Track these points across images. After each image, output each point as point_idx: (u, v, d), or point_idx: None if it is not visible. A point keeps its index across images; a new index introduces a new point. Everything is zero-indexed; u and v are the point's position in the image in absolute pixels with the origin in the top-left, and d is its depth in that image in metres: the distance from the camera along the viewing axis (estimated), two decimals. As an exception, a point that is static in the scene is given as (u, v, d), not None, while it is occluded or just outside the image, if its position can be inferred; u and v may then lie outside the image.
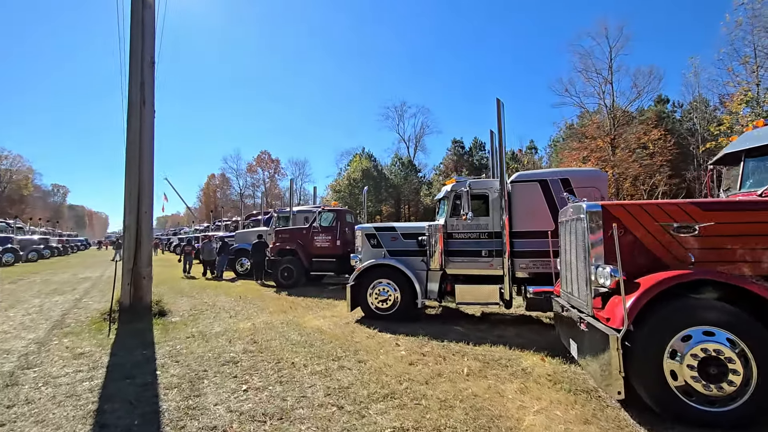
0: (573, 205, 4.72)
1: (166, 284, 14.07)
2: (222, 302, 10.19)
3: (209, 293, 11.85)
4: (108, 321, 7.46)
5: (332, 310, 9.23)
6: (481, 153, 49.24)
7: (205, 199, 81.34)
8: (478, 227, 7.79)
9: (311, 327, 7.36)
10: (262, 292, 12.05)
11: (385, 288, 7.93)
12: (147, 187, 8.53)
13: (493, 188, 7.78)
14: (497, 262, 7.58)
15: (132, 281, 8.18)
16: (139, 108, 8.48)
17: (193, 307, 9.38)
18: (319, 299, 10.57)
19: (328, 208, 13.42)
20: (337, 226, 12.94)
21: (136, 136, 8.44)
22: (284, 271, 12.88)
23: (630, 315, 3.41)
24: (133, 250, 8.26)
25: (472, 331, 7.16)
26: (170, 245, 40.82)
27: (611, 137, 30.13)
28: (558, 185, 7.28)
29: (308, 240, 13.00)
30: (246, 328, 7.25)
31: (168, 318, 8.13)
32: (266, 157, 75.03)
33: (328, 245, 12.86)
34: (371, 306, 7.98)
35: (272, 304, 9.85)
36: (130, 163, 8.43)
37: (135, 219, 8.32)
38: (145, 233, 8.46)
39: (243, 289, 12.72)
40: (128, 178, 8.43)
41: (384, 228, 8.63)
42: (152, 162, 8.73)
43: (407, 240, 8.30)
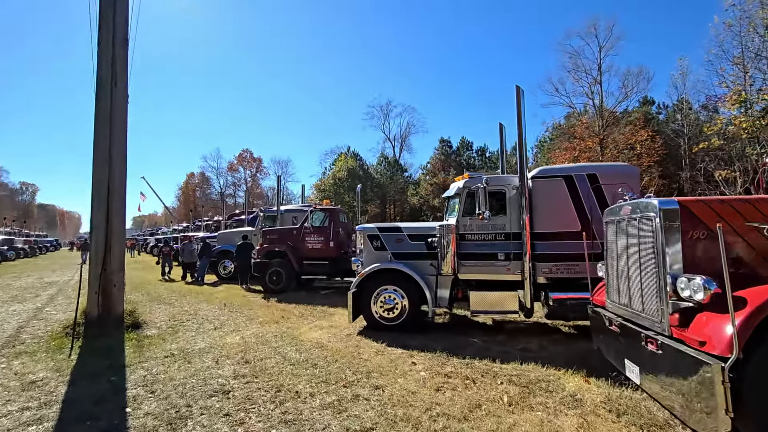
0: (634, 202, 4.01)
1: (142, 289, 12.88)
2: (205, 311, 9.18)
3: (190, 300, 10.78)
4: (71, 337, 6.41)
5: (329, 319, 8.35)
6: (468, 153, 48.93)
7: (184, 199, 78.89)
8: (494, 228, 7.05)
9: (309, 341, 6.48)
10: (248, 298, 11.05)
11: (391, 295, 7.11)
12: (118, 180, 7.47)
13: (511, 185, 7.06)
14: (515, 266, 6.87)
15: (100, 289, 7.12)
16: (109, 88, 7.41)
17: (172, 317, 8.34)
18: (312, 306, 9.67)
19: (320, 206, 12.51)
20: (330, 226, 12.05)
21: (105, 122, 7.38)
22: (273, 274, 11.90)
23: (741, 339, 2.69)
24: (101, 253, 7.20)
25: (491, 343, 6.42)
26: (147, 246, 38.95)
27: (600, 137, 30.10)
28: (584, 181, 6.61)
29: (299, 241, 12.06)
30: (234, 343, 6.31)
31: (143, 331, 7.10)
32: (248, 155, 73.21)
33: (321, 246, 11.95)
34: (375, 315, 7.15)
35: (262, 313, 8.90)
36: (98, 152, 7.36)
37: (104, 217, 7.25)
38: (116, 234, 7.40)
39: (227, 295, 11.68)
40: (96, 169, 7.36)
41: (388, 228, 7.82)
42: (125, 151, 7.67)
43: (414, 242, 7.50)
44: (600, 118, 30.28)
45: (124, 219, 7.68)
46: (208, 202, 72.63)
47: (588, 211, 6.52)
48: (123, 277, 7.54)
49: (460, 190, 7.32)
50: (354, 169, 54.02)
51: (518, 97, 6.79)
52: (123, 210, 7.58)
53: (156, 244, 35.41)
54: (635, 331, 3.79)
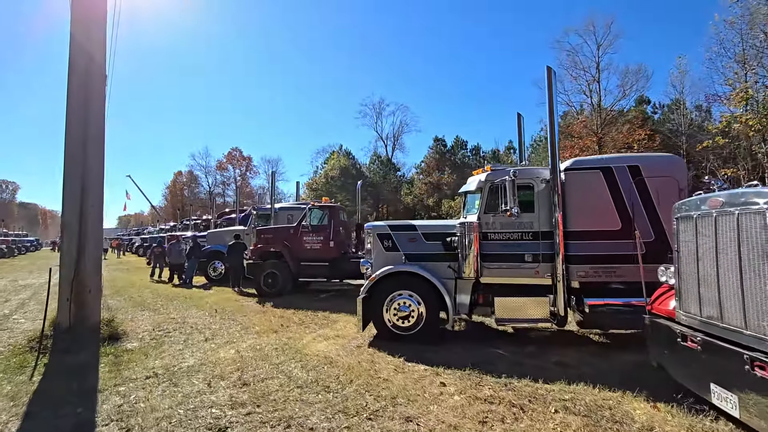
0: (728, 192, 3.30)
1: (125, 293, 11.89)
2: (193, 318, 8.28)
3: (177, 305, 9.86)
4: (36, 352, 5.50)
5: (333, 327, 7.54)
6: (463, 152, 48.37)
7: (172, 198, 77.11)
8: (521, 226, 6.32)
9: (316, 354, 5.66)
10: (241, 303, 10.17)
11: (406, 302, 6.33)
12: (95, 173, 6.56)
13: (539, 178, 6.34)
14: (545, 269, 6.15)
15: (72, 295, 6.20)
16: (84, 67, 6.50)
17: (156, 326, 7.44)
18: (313, 312, 8.83)
19: (318, 204, 11.65)
20: (329, 225, 11.21)
21: (79, 105, 6.47)
22: (268, 277, 11.02)
23: None
24: (74, 255, 6.28)
25: (521, 355, 5.69)
26: (133, 246, 37.55)
27: (599, 136, 29.75)
28: (625, 174, 5.91)
29: (296, 241, 11.19)
30: (229, 358, 5.46)
31: (122, 344, 6.20)
32: (237, 154, 71.84)
33: (320, 247, 11.10)
34: (388, 324, 6.36)
35: (257, 320, 8.04)
36: (70, 141, 6.44)
37: (77, 215, 6.34)
38: (92, 233, 6.49)
39: (218, 299, 10.77)
40: (69, 160, 6.44)
41: (401, 227, 7.04)
42: (102, 140, 6.76)
43: (430, 241, 6.74)
44: (598, 117, 29.92)
45: (100, 216, 6.76)
46: (196, 201, 71.08)
47: (629, 207, 5.82)
48: (100, 281, 6.63)
49: (482, 184, 6.57)
50: (347, 167, 53.17)
51: (549, 78, 6.09)
52: (99, 206, 6.67)
53: (141, 244, 34.11)
54: (731, 351, 3.08)
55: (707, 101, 26.66)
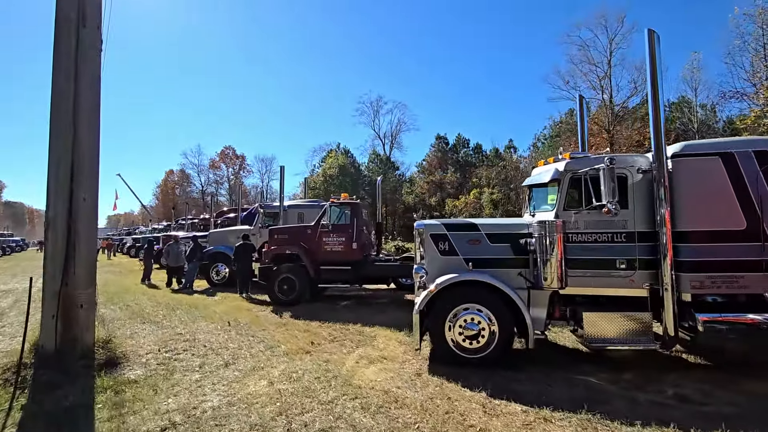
0: None
1: (120, 300, 10.56)
2: (204, 333, 7.04)
3: (182, 315, 8.59)
4: (12, 386, 4.26)
5: (373, 345, 6.36)
6: (465, 150, 47.39)
7: (163, 197, 75.49)
8: (611, 225, 5.20)
9: (370, 387, 4.49)
10: (255, 313, 8.93)
11: (474, 318, 5.17)
12: (87, 158, 5.31)
13: (635, 167, 5.23)
14: (641, 277, 5.06)
15: (60, 312, 4.96)
16: (75, 28, 5.24)
17: (162, 345, 6.19)
18: (342, 325, 7.63)
19: (339, 200, 10.44)
20: (352, 223, 10.01)
21: (68, 75, 5.22)
22: (283, 282, 9.78)
23: None
24: (60, 260, 5.03)
25: (626, 387, 4.58)
26: (124, 246, 35.92)
27: (611, 134, 28.90)
28: (751, 161, 4.81)
29: (314, 242, 9.97)
30: (262, 394, 4.26)
31: (122, 372, 4.96)
32: (230, 152, 70.65)
33: (342, 248, 9.89)
34: (450, 345, 5.20)
35: (281, 336, 6.83)
36: (57, 119, 5.19)
37: (65, 208, 5.09)
38: (84, 233, 5.24)
39: (227, 308, 9.52)
40: (54, 142, 5.19)
41: (459, 226, 5.90)
42: (97, 118, 5.51)
43: (496, 244, 5.59)
44: (611, 113, 29.06)
45: (95, 212, 5.51)
46: (188, 200, 69.47)
47: (756, 202, 4.74)
48: (94, 292, 5.38)
49: (560, 175, 5.45)
50: (345, 166, 52.02)
51: (651, 42, 4.98)
52: (94, 198, 5.42)
53: (133, 245, 32.56)
54: None
55: (723, 98, 25.88)
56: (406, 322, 7.84)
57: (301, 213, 14.01)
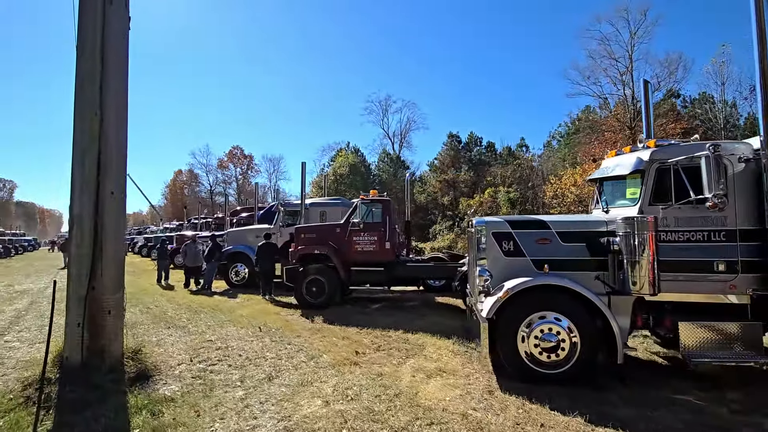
0: None
1: (139, 302, 10.07)
2: (236, 339, 6.49)
3: (207, 320, 8.06)
4: (35, 405, 3.72)
5: (424, 355, 5.76)
6: (478, 148, 46.59)
7: (172, 197, 75.72)
8: (707, 222, 4.57)
9: (442, 408, 3.89)
10: (284, 317, 8.37)
11: (553, 328, 4.54)
12: (115, 148, 4.77)
13: (737, 155, 4.57)
14: (744, 282, 4.42)
15: (86, 319, 4.42)
16: (101, 6, 4.70)
17: (194, 354, 5.64)
18: (382, 331, 7.04)
19: (369, 197, 9.84)
20: (384, 222, 9.42)
21: (93, 56, 4.68)
22: (312, 284, 9.20)
23: None
24: (87, 261, 4.49)
25: (735, 409, 3.93)
26: (135, 246, 35.70)
27: (633, 130, 28.03)
28: None
29: (345, 241, 9.38)
30: (321, 416, 3.68)
31: (156, 387, 4.41)
32: (238, 152, 70.64)
33: (374, 248, 9.30)
34: (524, 358, 4.58)
35: (319, 343, 6.25)
36: (82, 106, 4.65)
37: (92, 204, 4.55)
38: (112, 231, 4.70)
39: (252, 311, 8.98)
40: (79, 131, 4.65)
41: (526, 223, 5.28)
42: (125, 105, 4.98)
43: (569, 243, 4.97)
44: (633, 109, 28.17)
45: (123, 208, 4.97)
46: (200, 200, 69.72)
47: None
48: (122, 297, 4.84)
49: (645, 165, 4.81)
50: (355, 165, 51.61)
51: (759, 4, 4.33)
52: (122, 192, 4.87)
53: (145, 244, 32.30)
54: None
55: (752, 92, 24.91)
56: (450, 328, 7.27)
57: (323, 211, 13.43)
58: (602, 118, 31.94)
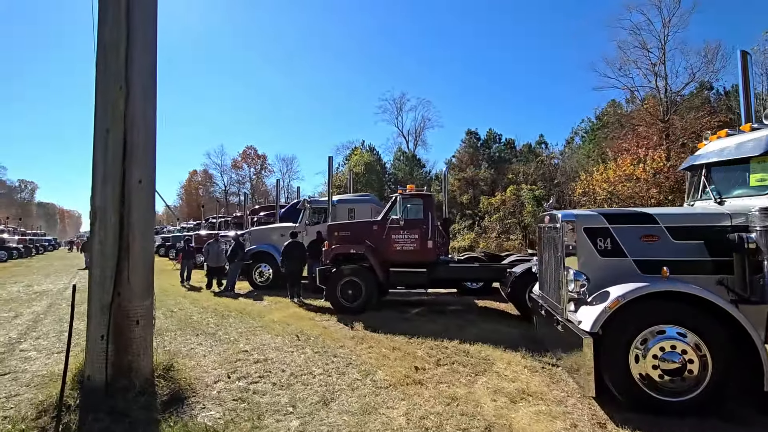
0: None
1: (162, 305, 9.47)
2: (273, 350, 5.76)
3: (237, 325, 7.37)
4: (51, 439, 3.02)
5: (495, 371, 4.93)
6: (497, 145, 45.40)
7: (187, 197, 76.40)
8: None
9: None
10: (320, 323, 7.63)
11: (676, 345, 3.68)
12: (143, 130, 4.07)
13: None
14: None
15: (111, 331, 3.71)
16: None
17: (231, 370, 4.91)
18: (434, 341, 6.22)
19: (408, 192, 9.04)
20: (426, 218, 8.61)
21: (118, 21, 3.98)
22: (347, 286, 8.44)
23: None
24: (112, 263, 3.79)
25: None
26: (153, 245, 35.55)
27: (666, 123, 26.66)
28: None
29: (383, 240, 8.59)
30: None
31: (193, 415, 3.67)
32: (252, 152, 71.04)
33: (415, 247, 8.49)
34: (639, 382, 3.72)
35: (369, 356, 5.48)
36: (104, 80, 3.96)
37: (117, 195, 3.85)
38: (140, 226, 4.00)
39: (284, 316, 8.26)
40: (101, 109, 3.96)
41: (627, 217, 4.41)
42: (154, 74, 4.27)
43: (683, 240, 4.10)
44: (667, 101, 26.78)
45: (152, 199, 4.26)
46: (211, 200, 70.01)
47: None
48: (152, 306, 4.12)
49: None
50: (371, 163, 50.94)
51: None
52: (151, 183, 4.17)
53: (163, 243, 32.12)
54: None
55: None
56: (510, 337, 6.43)
57: (352, 208, 12.72)
58: (632, 111, 30.56)
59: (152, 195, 4.16)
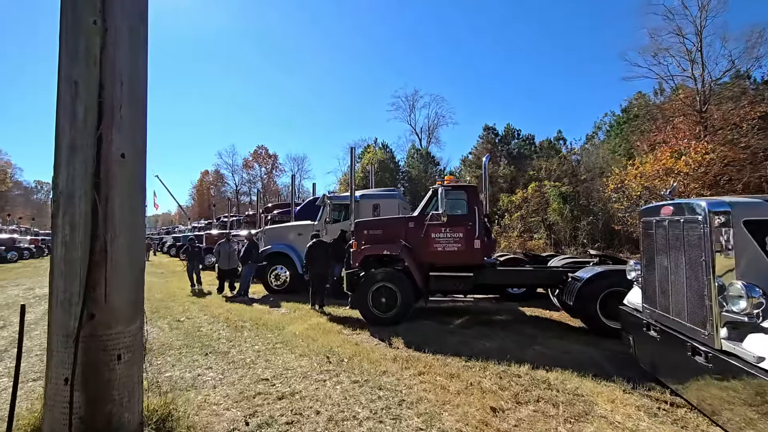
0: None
1: (167, 314, 8.37)
2: (300, 377, 4.56)
3: (253, 341, 6.21)
4: None
5: (600, 415, 3.66)
6: (516, 141, 43.79)
7: (199, 197, 76.61)
8: None
9: None
10: (349, 337, 6.44)
11: None
12: (126, 80, 2.88)
13: None
14: None
15: (80, 371, 2.53)
16: None
17: (249, 411, 3.71)
18: (499, 365, 4.97)
19: (449, 184, 7.76)
20: (472, 214, 7.34)
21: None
22: (380, 293, 7.22)
23: None
24: (82, 272, 2.61)
25: None
26: (164, 246, 34.93)
27: (703, 114, 24.89)
28: None
29: (421, 239, 7.36)
30: None
31: (197, 496, 2.50)
32: (263, 152, 70.89)
33: (460, 247, 7.22)
34: None
35: (422, 386, 4.25)
36: (74, 17, 2.78)
37: (88, 173, 2.67)
38: (124, 217, 2.81)
39: (306, 327, 7.08)
40: (69, 45, 2.78)
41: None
42: (145, 16, 3.08)
43: None
44: (706, 90, 25.01)
45: (141, 178, 3.07)
46: (222, 200, 69.79)
47: None
48: (141, 330, 2.94)
49: None
50: (384, 161, 49.81)
51: None
52: (141, 157, 2.98)
53: (174, 244, 31.40)
54: None
55: None
56: (592, 361, 5.15)
57: (377, 204, 11.49)
58: (664, 102, 28.76)
59: (141, 175, 2.98)
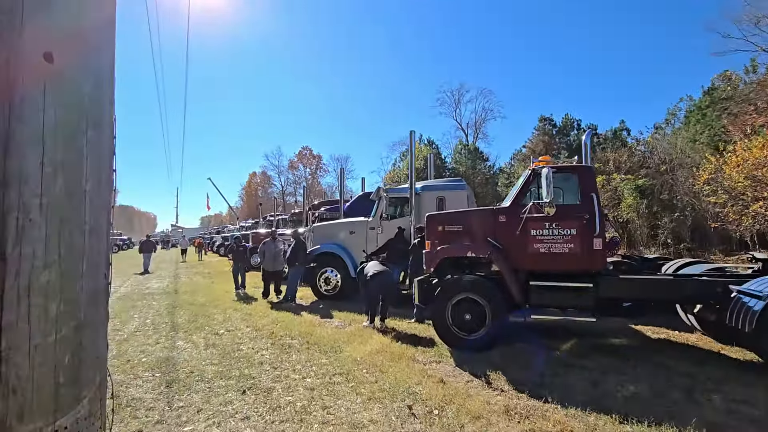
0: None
1: (206, 324, 7.20)
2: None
3: (304, 368, 4.78)
4: None
5: None
6: (575, 132, 40.20)
7: (247, 198, 79.36)
8: None
9: None
10: (426, 368, 4.84)
11: None
12: None
13: None
14: None
15: None
16: None
17: None
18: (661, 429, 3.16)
19: (551, 165, 5.91)
20: (589, 203, 5.47)
21: None
22: (463, 307, 5.54)
23: None
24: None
25: None
26: (214, 245, 35.43)
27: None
28: None
29: (517, 237, 5.59)
30: None
31: None
32: (307, 153, 71.99)
33: (572, 248, 5.36)
34: None
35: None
36: None
37: None
38: (56, 205, 1.34)
39: (368, 350, 5.56)
40: None
41: None
42: None
43: None
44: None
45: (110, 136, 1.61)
46: (269, 200, 71.23)
47: None
48: (103, 401, 1.46)
49: None
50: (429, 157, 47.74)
51: None
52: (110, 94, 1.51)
53: (222, 243, 31.54)
54: None
55: None
56: None
57: (441, 197, 9.82)
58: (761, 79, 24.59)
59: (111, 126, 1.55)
